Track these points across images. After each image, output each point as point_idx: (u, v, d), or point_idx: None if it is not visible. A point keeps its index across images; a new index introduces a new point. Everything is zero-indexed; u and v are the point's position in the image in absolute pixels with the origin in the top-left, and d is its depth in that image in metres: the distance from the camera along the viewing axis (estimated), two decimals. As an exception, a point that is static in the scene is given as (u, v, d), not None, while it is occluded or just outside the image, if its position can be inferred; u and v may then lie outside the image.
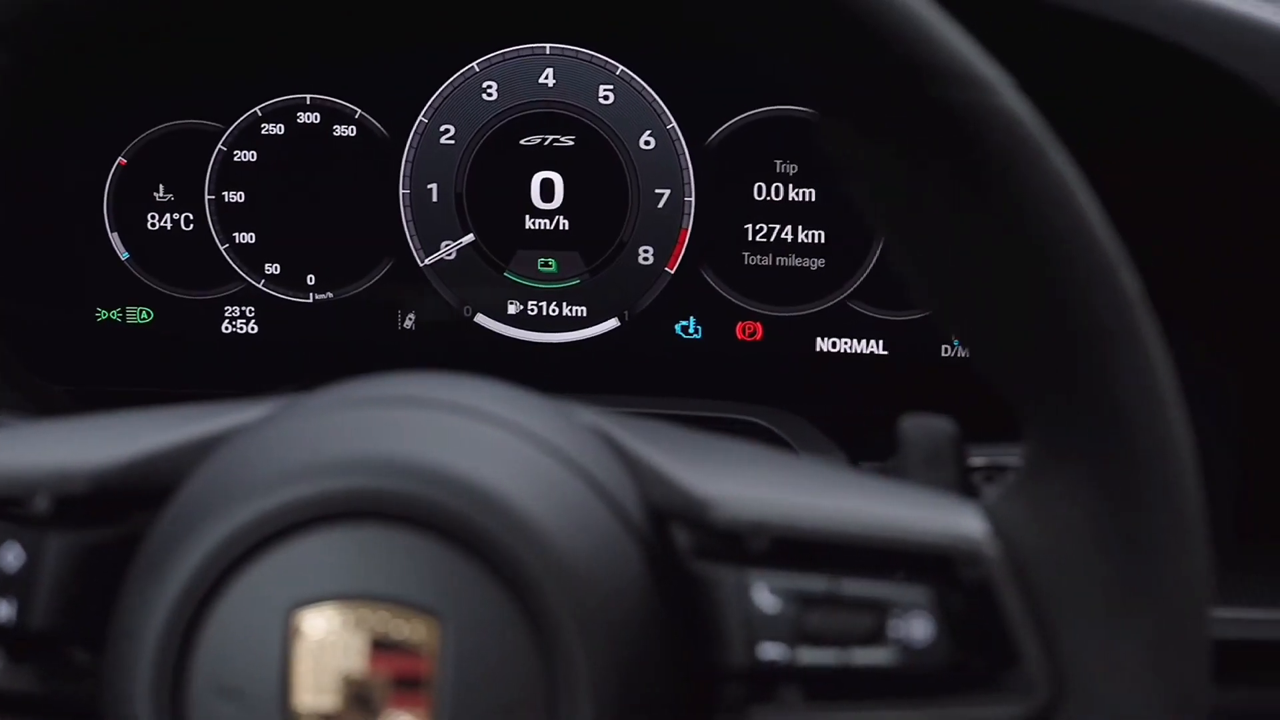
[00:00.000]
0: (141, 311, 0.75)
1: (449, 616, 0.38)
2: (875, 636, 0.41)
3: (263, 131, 0.74)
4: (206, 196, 0.74)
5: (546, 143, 0.72)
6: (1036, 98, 0.66)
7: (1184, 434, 0.40)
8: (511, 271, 0.74)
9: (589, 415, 0.45)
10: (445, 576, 0.39)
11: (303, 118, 0.74)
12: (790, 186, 0.71)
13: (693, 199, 0.72)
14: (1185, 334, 0.65)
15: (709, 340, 0.73)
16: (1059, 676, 0.40)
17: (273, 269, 0.75)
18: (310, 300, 0.75)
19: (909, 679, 0.41)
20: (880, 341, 0.71)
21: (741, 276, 0.72)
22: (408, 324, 0.75)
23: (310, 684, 0.37)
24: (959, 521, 0.41)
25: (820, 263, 0.71)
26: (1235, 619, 0.62)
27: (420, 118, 0.73)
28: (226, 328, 0.75)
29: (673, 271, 0.72)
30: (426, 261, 0.74)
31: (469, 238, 0.73)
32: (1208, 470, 0.67)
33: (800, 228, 0.71)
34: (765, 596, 0.41)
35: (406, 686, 0.38)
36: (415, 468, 0.39)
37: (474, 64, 0.72)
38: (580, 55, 0.72)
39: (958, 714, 0.40)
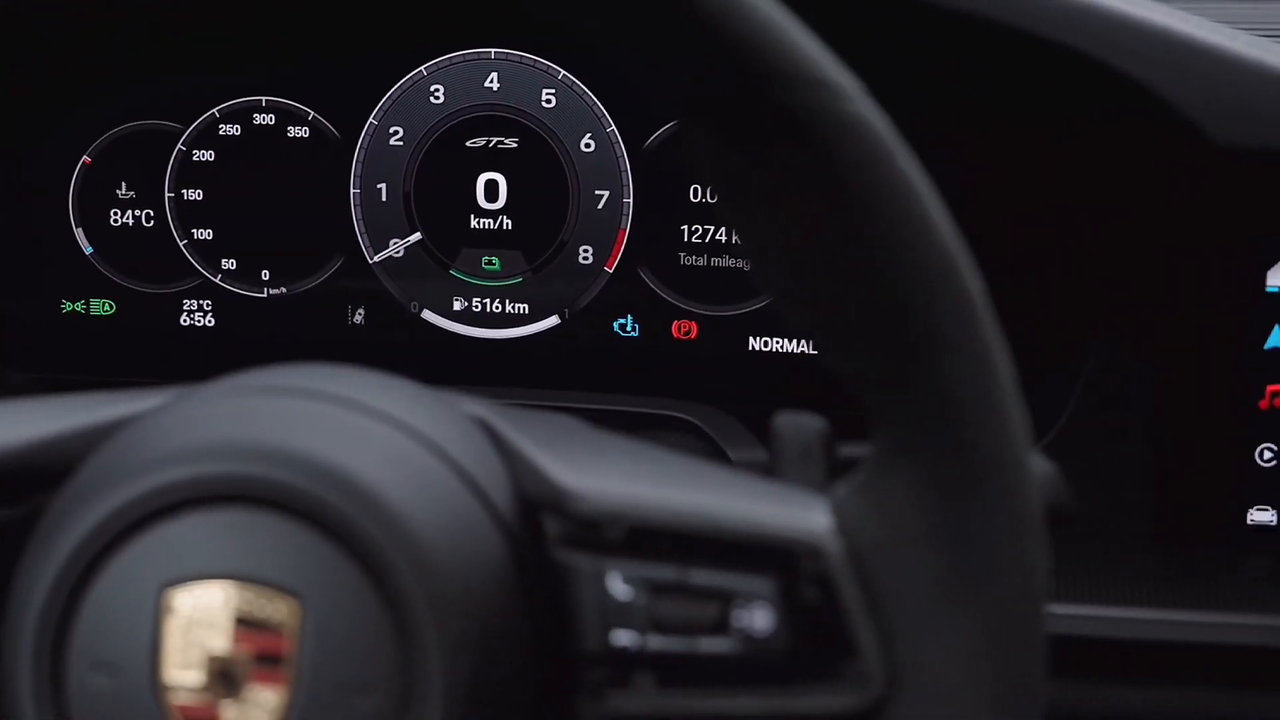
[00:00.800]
0: (104, 304, 0.78)
1: (309, 597, 0.41)
2: (720, 625, 0.43)
3: (220, 132, 0.76)
4: (166, 194, 0.77)
5: (491, 145, 0.75)
6: (947, 104, 0.68)
7: (1021, 436, 0.42)
8: (457, 269, 0.76)
9: (473, 406, 0.48)
10: (307, 559, 0.41)
11: (258, 119, 0.76)
12: (724, 189, 0.73)
13: (631, 200, 0.74)
14: (1105, 338, 0.67)
15: (645, 338, 0.75)
16: (894, 669, 0.41)
17: (229, 264, 0.77)
18: (265, 295, 0.77)
19: (752, 668, 0.43)
20: (809, 341, 0.73)
21: (677, 276, 0.74)
22: (357, 319, 0.77)
23: (179, 660, 0.40)
24: (804, 516, 0.43)
25: (753, 263, 0.73)
26: (1150, 620, 0.64)
27: (370, 120, 0.75)
28: (185, 320, 0.78)
29: (611, 271, 0.74)
30: (375, 259, 0.76)
31: (416, 236, 0.76)
32: (1125, 474, 0.68)
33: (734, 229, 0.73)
34: (619, 585, 0.43)
35: (267, 663, 0.40)
36: (282, 454, 0.41)
37: (422, 68, 0.75)
38: (524, 60, 0.74)
39: (796, 704, 0.42)
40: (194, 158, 0.77)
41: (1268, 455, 0.66)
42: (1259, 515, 0.67)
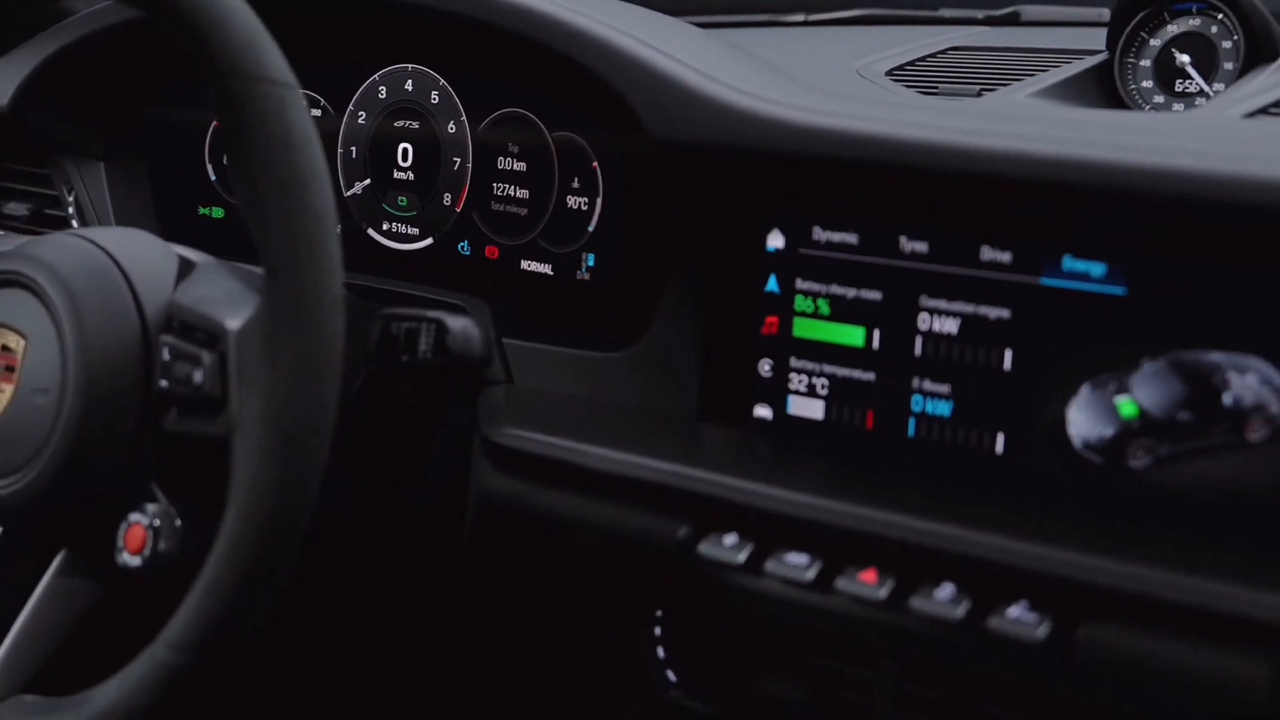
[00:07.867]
0: (219, 210, 1.29)
1: (30, 335, 0.87)
2: (188, 379, 0.83)
3: (279, 109, 1.23)
4: (252, 146, 1.26)
5: (405, 125, 1.15)
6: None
7: (325, 281, 0.77)
8: (386, 204, 1.18)
9: (189, 252, 0.92)
10: (31, 313, 0.87)
11: (297, 102, 1.22)
12: (514, 160, 1.08)
13: (470, 165, 1.12)
14: (678, 276, 0.96)
15: (473, 255, 1.13)
16: (240, 414, 0.79)
17: (279, 192, 1.25)
18: (294, 212, 1.24)
19: (196, 401, 0.83)
20: (550, 265, 1.07)
21: (492, 215, 1.11)
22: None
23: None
24: (230, 314, 0.82)
25: (526, 210, 1.08)
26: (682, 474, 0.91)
27: (350, 106, 1.19)
28: (256, 225, 1.26)
29: (460, 210, 1.13)
30: (345, 194, 1.20)
31: (366, 182, 1.19)
32: (683, 371, 0.97)
33: (518, 188, 1.08)
34: (165, 353, 0.85)
35: (6, 370, 0.87)
36: (29, 258, 0.88)
37: (375, 75, 1.17)
38: (426, 72, 1.14)
39: (191, 427, 0.82)
40: (266, 125, 1.24)
41: (766, 368, 0.92)
42: (761, 411, 0.93)
